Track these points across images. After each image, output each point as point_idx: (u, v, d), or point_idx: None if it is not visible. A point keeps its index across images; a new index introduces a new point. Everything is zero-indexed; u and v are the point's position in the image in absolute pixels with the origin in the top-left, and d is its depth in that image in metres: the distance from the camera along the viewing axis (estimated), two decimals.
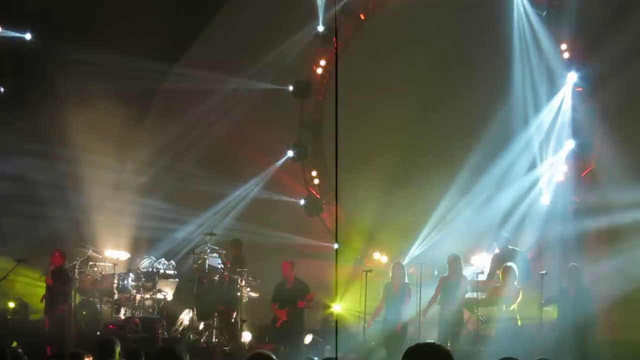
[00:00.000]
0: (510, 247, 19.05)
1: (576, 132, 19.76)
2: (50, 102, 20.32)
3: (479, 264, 19.06)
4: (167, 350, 8.62)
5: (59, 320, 18.69)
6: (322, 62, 22.66)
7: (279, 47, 22.37)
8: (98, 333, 18.60)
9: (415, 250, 20.86)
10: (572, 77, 19.68)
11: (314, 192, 22.61)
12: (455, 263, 17.49)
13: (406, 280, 17.81)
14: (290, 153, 22.58)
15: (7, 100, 21.18)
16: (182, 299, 20.31)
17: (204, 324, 19.65)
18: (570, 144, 19.74)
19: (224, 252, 20.44)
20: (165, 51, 22.55)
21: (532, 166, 20.07)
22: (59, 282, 18.68)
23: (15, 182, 20.47)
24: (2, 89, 21.31)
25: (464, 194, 20.47)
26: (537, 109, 20.06)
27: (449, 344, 16.40)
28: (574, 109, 19.83)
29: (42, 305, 19.10)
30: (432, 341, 9.67)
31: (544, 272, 17.07)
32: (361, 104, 21.85)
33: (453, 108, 21.08)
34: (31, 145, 19.98)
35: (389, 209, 21.58)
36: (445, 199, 20.47)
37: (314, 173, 22.56)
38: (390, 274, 18.27)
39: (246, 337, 19.30)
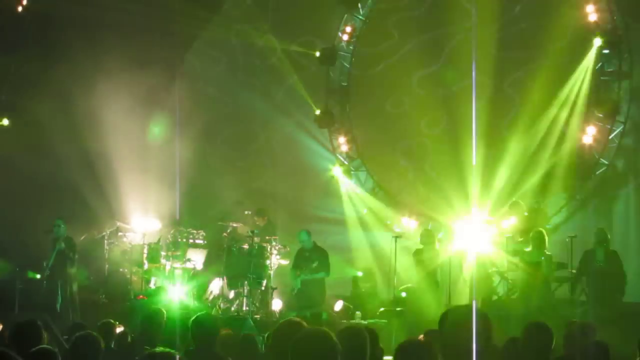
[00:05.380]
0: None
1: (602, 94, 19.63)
2: (74, 71, 20.32)
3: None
4: (201, 319, 8.61)
5: None
6: (348, 29, 22.49)
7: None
8: (128, 303, 18.68)
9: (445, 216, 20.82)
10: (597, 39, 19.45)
11: (341, 158, 22.51)
12: None
13: (437, 246, 17.77)
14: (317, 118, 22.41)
15: (33, 71, 21.18)
16: (212, 268, 20.36)
17: (235, 293, 19.72)
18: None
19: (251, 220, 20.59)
20: (193, 15, 22.60)
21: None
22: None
23: (43, 156, 20.56)
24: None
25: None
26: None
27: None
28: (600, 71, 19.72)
29: None
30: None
31: (573, 235, 16.99)
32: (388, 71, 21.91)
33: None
34: (57, 116, 19.99)
35: (418, 173, 21.56)
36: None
37: (341, 139, 22.44)
38: (420, 240, 18.25)
39: (276, 304, 19.34)
